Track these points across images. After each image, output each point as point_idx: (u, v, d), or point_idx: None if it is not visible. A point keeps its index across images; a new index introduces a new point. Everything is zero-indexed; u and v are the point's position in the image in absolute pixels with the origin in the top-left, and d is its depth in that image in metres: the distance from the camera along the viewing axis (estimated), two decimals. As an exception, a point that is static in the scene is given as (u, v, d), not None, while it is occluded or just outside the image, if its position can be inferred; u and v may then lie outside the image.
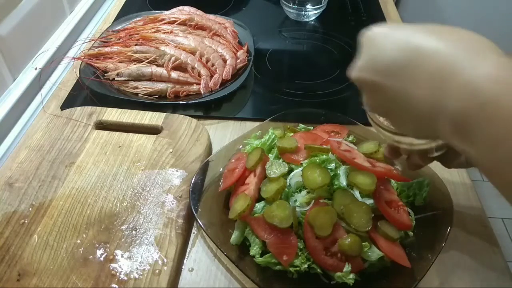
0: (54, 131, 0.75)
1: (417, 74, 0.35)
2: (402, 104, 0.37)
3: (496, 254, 0.60)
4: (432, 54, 0.34)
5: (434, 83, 0.34)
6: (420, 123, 0.37)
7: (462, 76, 0.32)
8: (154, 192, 0.64)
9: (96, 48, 0.91)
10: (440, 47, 0.34)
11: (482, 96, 0.30)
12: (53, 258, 0.56)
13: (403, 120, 0.40)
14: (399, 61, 0.36)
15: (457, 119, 0.32)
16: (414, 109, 0.36)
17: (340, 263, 0.52)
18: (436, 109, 0.34)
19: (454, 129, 0.33)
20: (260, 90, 0.90)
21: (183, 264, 0.59)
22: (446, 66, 0.33)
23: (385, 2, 1.22)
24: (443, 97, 0.33)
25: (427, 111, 0.35)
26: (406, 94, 0.36)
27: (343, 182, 0.59)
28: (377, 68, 0.38)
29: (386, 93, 0.38)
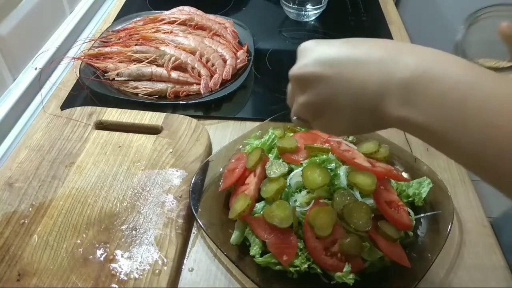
0: (54, 131, 0.75)
1: (363, 60, 0.37)
2: (344, 92, 0.38)
3: (496, 254, 0.60)
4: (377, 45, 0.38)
5: (380, 64, 0.36)
6: (359, 113, 0.38)
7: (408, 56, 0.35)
8: (154, 192, 0.64)
9: (96, 48, 0.91)
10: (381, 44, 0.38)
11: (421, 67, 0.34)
12: (53, 258, 0.56)
13: (339, 116, 0.40)
14: (345, 51, 0.39)
15: (403, 87, 0.34)
16: (358, 93, 0.37)
17: (340, 263, 0.52)
18: (383, 85, 0.35)
19: (403, 98, 0.34)
20: (260, 90, 0.90)
21: (183, 264, 0.59)
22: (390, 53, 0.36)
23: (385, 2, 1.22)
24: (389, 74, 0.35)
25: (372, 91, 0.36)
26: (349, 79, 0.37)
27: (343, 182, 0.59)
28: (322, 60, 0.39)
29: (327, 83, 0.39)
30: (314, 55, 0.40)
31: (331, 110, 0.40)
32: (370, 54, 0.37)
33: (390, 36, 1.07)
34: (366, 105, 0.37)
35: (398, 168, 0.67)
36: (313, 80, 0.40)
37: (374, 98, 0.36)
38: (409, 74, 0.34)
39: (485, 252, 0.60)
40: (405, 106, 0.34)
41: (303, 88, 0.42)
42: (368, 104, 0.37)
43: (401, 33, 1.09)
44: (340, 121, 0.41)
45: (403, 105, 0.34)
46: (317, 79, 0.39)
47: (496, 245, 0.61)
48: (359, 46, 0.39)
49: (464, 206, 0.66)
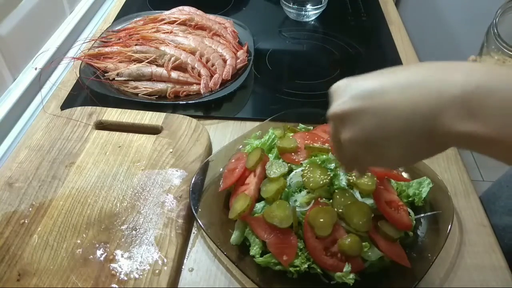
0: (54, 131, 0.75)
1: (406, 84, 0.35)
2: (392, 120, 0.36)
3: (496, 254, 0.60)
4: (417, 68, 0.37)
5: (426, 85, 0.34)
6: (413, 139, 0.36)
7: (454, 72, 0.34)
8: (154, 192, 0.64)
9: (96, 48, 0.91)
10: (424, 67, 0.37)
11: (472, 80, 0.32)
12: (53, 258, 0.56)
13: (391, 147, 0.37)
14: (383, 80, 0.37)
15: (459, 102, 0.32)
16: (408, 119, 0.35)
17: (340, 263, 0.52)
18: (435, 105, 0.34)
19: (462, 113, 0.32)
20: (260, 90, 0.90)
21: (183, 264, 0.59)
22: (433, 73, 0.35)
23: (385, 2, 1.22)
24: (439, 93, 0.33)
25: (423, 113, 0.34)
26: (395, 106, 0.36)
27: (343, 182, 0.59)
28: (360, 94, 0.38)
29: (371, 115, 0.37)
30: (351, 91, 0.38)
31: (380, 142, 0.38)
32: (411, 77, 0.36)
33: (390, 36, 1.07)
34: (419, 129, 0.35)
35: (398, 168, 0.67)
36: (355, 115, 0.38)
37: (427, 120, 0.34)
38: (461, 87, 0.32)
39: (485, 252, 0.60)
40: (465, 120, 0.32)
41: (346, 126, 0.39)
42: (421, 128, 0.35)
43: (401, 33, 1.09)
44: (393, 152, 0.38)
45: (463, 120, 0.32)
46: (360, 113, 0.37)
47: (496, 245, 0.61)
48: (398, 72, 0.37)
49: (464, 206, 0.66)
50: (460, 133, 0.33)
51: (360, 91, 0.38)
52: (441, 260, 0.58)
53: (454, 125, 0.33)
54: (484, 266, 0.59)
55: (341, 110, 0.39)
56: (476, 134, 0.32)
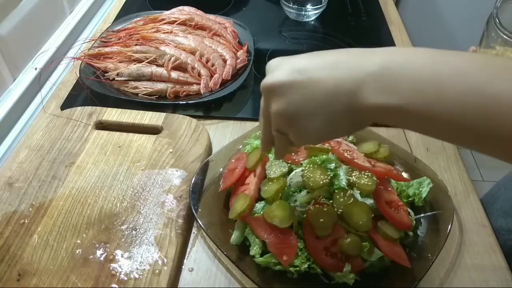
0: (54, 131, 0.75)
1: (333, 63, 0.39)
2: (316, 95, 0.38)
3: (496, 254, 0.60)
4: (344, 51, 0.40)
5: (349, 64, 0.38)
6: (334, 114, 0.38)
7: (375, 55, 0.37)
8: (154, 192, 0.64)
9: (96, 48, 0.91)
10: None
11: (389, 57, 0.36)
12: (53, 258, 0.56)
13: (313, 121, 0.40)
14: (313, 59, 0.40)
15: (375, 77, 0.36)
16: (330, 93, 0.38)
17: (340, 263, 0.52)
18: (355, 81, 0.37)
19: (377, 87, 0.36)
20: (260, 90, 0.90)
21: (183, 264, 0.59)
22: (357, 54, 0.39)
23: (385, 2, 1.22)
24: (360, 70, 0.37)
25: (344, 89, 0.37)
26: (320, 82, 0.38)
27: (343, 182, 0.59)
28: (291, 69, 0.40)
29: (298, 89, 0.39)
30: (284, 67, 0.41)
31: (304, 116, 0.40)
32: (338, 58, 0.39)
33: (390, 36, 1.07)
34: (340, 104, 0.38)
35: (398, 168, 0.67)
36: (284, 89, 0.40)
37: (348, 95, 0.37)
38: (378, 65, 0.36)
39: (485, 252, 0.60)
40: (379, 93, 0.35)
41: (274, 98, 0.41)
42: (342, 102, 0.37)
43: (401, 33, 1.09)
44: (315, 126, 0.40)
45: (377, 93, 0.35)
46: (288, 86, 0.40)
47: (496, 245, 0.61)
48: (327, 54, 0.40)
49: (464, 206, 0.66)
50: (375, 106, 0.36)
51: (291, 67, 0.40)
52: (441, 260, 0.58)
53: (370, 99, 0.36)
54: (484, 266, 0.59)
55: (272, 82, 0.41)
56: (388, 106, 0.35)
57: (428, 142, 0.77)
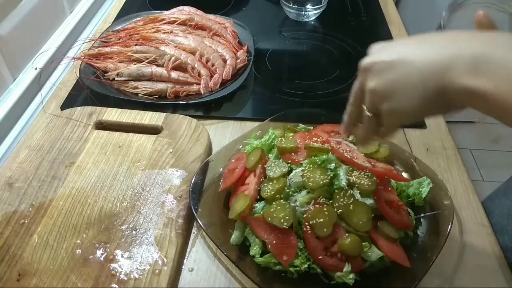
0: (54, 131, 0.75)
1: (428, 44, 0.41)
2: (412, 73, 0.41)
3: (496, 254, 0.60)
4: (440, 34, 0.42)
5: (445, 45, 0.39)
6: (427, 92, 0.40)
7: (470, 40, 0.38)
8: (154, 192, 0.64)
9: (96, 48, 0.91)
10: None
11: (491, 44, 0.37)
12: (53, 258, 0.56)
13: (408, 97, 0.42)
14: (411, 43, 0.43)
15: (471, 59, 0.36)
16: (424, 72, 0.40)
17: (340, 263, 0.52)
18: (450, 59, 0.38)
19: (469, 70, 0.36)
20: (260, 90, 0.90)
21: (183, 264, 0.59)
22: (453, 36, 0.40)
23: (385, 2, 1.22)
24: (456, 50, 0.38)
25: (438, 67, 0.39)
26: (416, 61, 0.41)
27: (343, 182, 0.59)
28: (390, 50, 0.44)
29: (396, 68, 0.42)
30: (385, 50, 0.45)
31: (399, 93, 0.42)
32: (435, 41, 0.41)
33: (390, 36, 1.07)
34: (431, 83, 0.39)
35: (398, 168, 0.67)
36: (382, 67, 0.43)
37: (439, 75, 0.38)
38: (471, 49, 0.37)
39: (485, 252, 0.60)
40: (469, 76, 0.36)
41: (372, 76, 0.44)
42: (433, 82, 0.39)
43: (401, 33, 1.09)
44: (408, 104, 0.42)
45: (467, 76, 0.36)
46: (386, 65, 0.43)
47: (496, 245, 0.61)
48: (426, 38, 0.43)
49: (464, 206, 0.66)
50: (463, 87, 0.37)
51: (391, 50, 0.44)
52: (441, 260, 0.58)
53: (461, 80, 0.37)
54: (484, 266, 0.59)
55: (372, 60, 0.45)
56: (478, 90, 0.36)
57: (428, 142, 0.77)
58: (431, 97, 0.40)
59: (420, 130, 0.79)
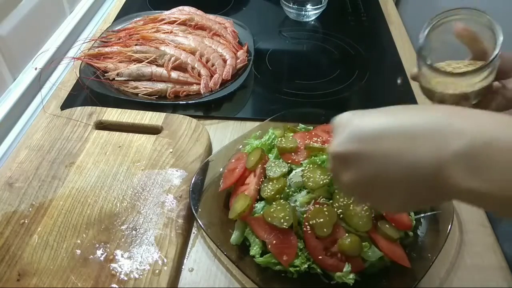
0: (54, 131, 0.75)
1: (410, 131, 0.34)
2: (393, 168, 0.34)
3: (496, 254, 0.60)
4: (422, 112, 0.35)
5: (430, 134, 0.33)
6: (415, 188, 0.35)
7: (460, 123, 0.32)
8: (154, 192, 0.64)
9: (96, 48, 0.91)
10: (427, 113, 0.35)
11: (481, 134, 0.31)
12: (53, 258, 0.56)
13: (392, 193, 0.36)
14: (385, 122, 0.35)
15: (465, 157, 0.31)
16: (410, 168, 0.34)
17: (340, 263, 0.52)
18: (439, 156, 0.32)
19: (467, 169, 0.31)
20: (260, 90, 0.90)
21: (183, 264, 0.59)
22: (439, 119, 0.33)
23: (385, 2, 1.22)
24: (445, 143, 0.32)
25: (426, 164, 0.33)
26: (397, 154, 0.34)
27: (343, 182, 0.59)
28: (360, 135, 0.36)
29: (372, 160, 0.35)
30: (351, 129, 0.37)
31: (381, 188, 0.36)
32: (415, 122, 0.34)
33: (390, 36, 1.07)
34: (421, 179, 0.33)
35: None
36: (355, 159, 0.36)
37: (431, 174, 0.33)
38: (468, 143, 0.31)
39: (485, 252, 0.60)
40: (469, 177, 0.31)
41: (345, 168, 0.37)
42: (423, 178, 0.33)
43: (401, 33, 1.09)
44: (394, 199, 0.36)
45: (466, 177, 0.31)
46: (359, 156, 0.36)
47: (496, 245, 0.61)
48: (401, 114, 0.36)
49: (464, 206, 0.66)
50: (463, 190, 0.32)
51: (360, 132, 0.36)
52: (441, 260, 0.58)
53: (457, 181, 0.31)
54: (484, 266, 0.59)
55: (341, 151, 0.37)
56: (479, 192, 0.31)
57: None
58: (419, 194, 0.35)
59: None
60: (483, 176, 0.30)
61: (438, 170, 0.32)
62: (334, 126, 0.40)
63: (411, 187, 0.34)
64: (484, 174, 0.30)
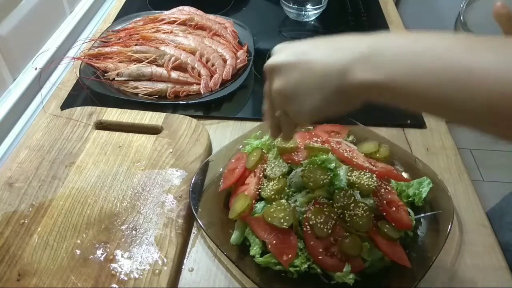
0: (54, 131, 0.75)
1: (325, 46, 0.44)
2: (310, 75, 0.42)
3: (496, 254, 0.60)
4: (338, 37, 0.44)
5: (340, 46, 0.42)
6: (326, 92, 0.42)
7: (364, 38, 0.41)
8: (154, 192, 0.64)
9: (96, 48, 0.91)
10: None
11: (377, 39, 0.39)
12: (53, 258, 0.56)
13: (308, 99, 0.43)
14: (309, 44, 0.45)
15: (363, 57, 0.39)
16: (321, 74, 0.42)
17: (340, 263, 0.52)
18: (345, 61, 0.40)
19: (366, 66, 0.38)
20: (260, 90, 0.89)
21: (183, 264, 0.59)
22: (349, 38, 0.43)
23: (385, 2, 1.22)
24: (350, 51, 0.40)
25: (334, 69, 0.40)
26: (313, 62, 0.42)
27: (343, 182, 0.59)
28: (291, 52, 0.45)
29: (295, 70, 0.44)
30: (287, 50, 0.45)
31: (301, 94, 0.44)
32: (333, 42, 0.44)
33: (390, 36, 1.06)
34: (331, 83, 0.41)
35: (398, 168, 0.67)
36: (284, 68, 0.44)
37: (338, 75, 0.40)
38: (366, 47, 0.39)
39: (485, 252, 0.60)
40: (366, 71, 0.38)
41: (276, 77, 0.46)
42: (333, 82, 0.41)
43: (401, 33, 1.08)
44: (310, 104, 0.44)
45: (364, 71, 0.38)
46: (288, 66, 0.44)
47: (496, 244, 0.61)
48: (326, 39, 0.45)
49: (464, 206, 0.66)
50: (363, 83, 0.38)
51: (293, 50, 0.45)
52: (441, 260, 0.58)
53: (358, 77, 0.39)
54: (484, 266, 0.59)
55: (274, 62, 0.46)
56: (374, 83, 0.38)
57: (428, 142, 0.77)
58: (331, 97, 0.42)
59: (420, 130, 0.79)
60: (375, 68, 0.37)
61: (345, 71, 0.39)
62: (272, 52, 0.48)
63: (324, 91, 0.42)
64: (376, 67, 0.37)
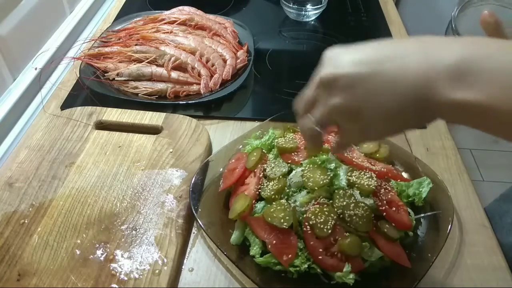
0: (54, 131, 0.75)
1: (402, 54, 0.35)
2: (385, 88, 0.35)
3: (496, 254, 0.60)
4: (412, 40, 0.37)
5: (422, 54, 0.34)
6: (404, 108, 0.35)
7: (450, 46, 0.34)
8: (154, 192, 0.64)
9: (96, 48, 0.91)
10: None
11: (469, 49, 0.32)
12: (53, 258, 0.56)
13: (380, 116, 0.37)
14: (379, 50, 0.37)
15: (454, 70, 0.32)
16: (401, 87, 0.35)
17: (340, 263, 0.52)
18: (428, 73, 0.33)
19: (456, 81, 0.32)
20: (260, 90, 0.90)
21: (183, 264, 0.59)
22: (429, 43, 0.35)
23: (385, 2, 1.22)
24: (435, 61, 0.33)
25: (416, 82, 0.34)
26: (390, 75, 0.35)
27: (343, 182, 0.59)
28: (355, 60, 0.37)
29: (365, 83, 0.36)
30: (346, 57, 0.38)
31: (369, 111, 0.37)
32: (407, 48, 0.36)
33: (390, 36, 1.07)
34: (409, 99, 0.34)
35: (398, 168, 0.67)
36: (347, 82, 0.37)
37: (419, 90, 0.34)
38: (458, 57, 0.32)
39: (485, 252, 0.60)
40: (458, 88, 0.32)
41: (335, 91, 0.38)
42: (411, 97, 0.34)
43: (401, 33, 1.09)
44: (380, 122, 0.37)
45: (456, 88, 0.32)
46: (352, 79, 0.37)
47: (496, 245, 0.61)
48: (393, 44, 0.38)
49: (464, 206, 0.66)
50: (453, 102, 0.32)
51: (354, 58, 0.37)
52: (441, 260, 0.58)
53: (447, 93, 0.32)
54: (484, 266, 0.59)
55: (334, 74, 0.38)
56: (468, 102, 0.32)
57: (428, 142, 0.77)
58: (406, 114, 0.36)
59: (420, 130, 0.79)
60: (471, 85, 0.31)
61: (426, 86, 0.33)
62: (324, 58, 0.41)
63: (399, 107, 0.35)
64: (472, 84, 0.31)
